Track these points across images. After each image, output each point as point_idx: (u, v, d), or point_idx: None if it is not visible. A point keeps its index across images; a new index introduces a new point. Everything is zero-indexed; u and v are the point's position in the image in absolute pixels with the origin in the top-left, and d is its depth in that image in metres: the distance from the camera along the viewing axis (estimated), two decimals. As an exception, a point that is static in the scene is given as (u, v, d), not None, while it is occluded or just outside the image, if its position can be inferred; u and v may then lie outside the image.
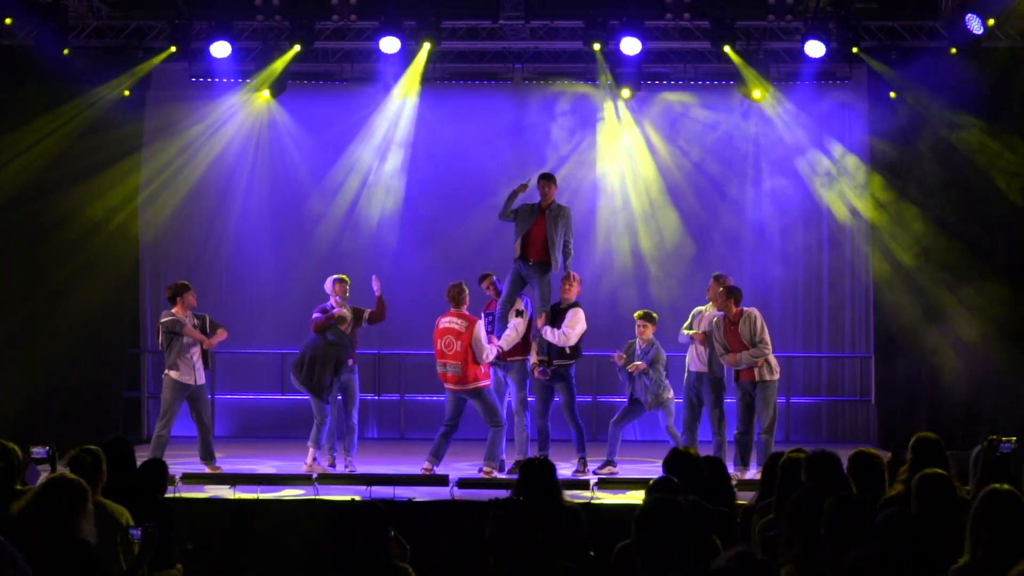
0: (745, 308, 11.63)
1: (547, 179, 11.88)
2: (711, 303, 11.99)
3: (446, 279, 11.83)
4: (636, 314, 12.08)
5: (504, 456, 11.64)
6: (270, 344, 15.33)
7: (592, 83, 15.23)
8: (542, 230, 11.65)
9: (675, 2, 13.91)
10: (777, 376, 11.60)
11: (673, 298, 14.44)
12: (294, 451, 12.36)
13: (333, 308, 11.88)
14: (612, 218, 15.53)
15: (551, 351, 11.70)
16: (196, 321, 11.77)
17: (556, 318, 11.72)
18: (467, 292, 11.59)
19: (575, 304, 11.82)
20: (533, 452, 11.50)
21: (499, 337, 11.63)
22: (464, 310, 11.51)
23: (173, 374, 11.61)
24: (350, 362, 11.99)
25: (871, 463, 6.52)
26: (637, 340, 11.93)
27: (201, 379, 11.74)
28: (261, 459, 12.72)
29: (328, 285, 12.08)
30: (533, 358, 11.75)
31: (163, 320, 11.77)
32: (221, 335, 11.86)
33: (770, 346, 11.53)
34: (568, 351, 11.74)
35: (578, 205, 15.25)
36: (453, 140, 15.64)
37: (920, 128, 14.35)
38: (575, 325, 11.69)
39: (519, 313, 11.71)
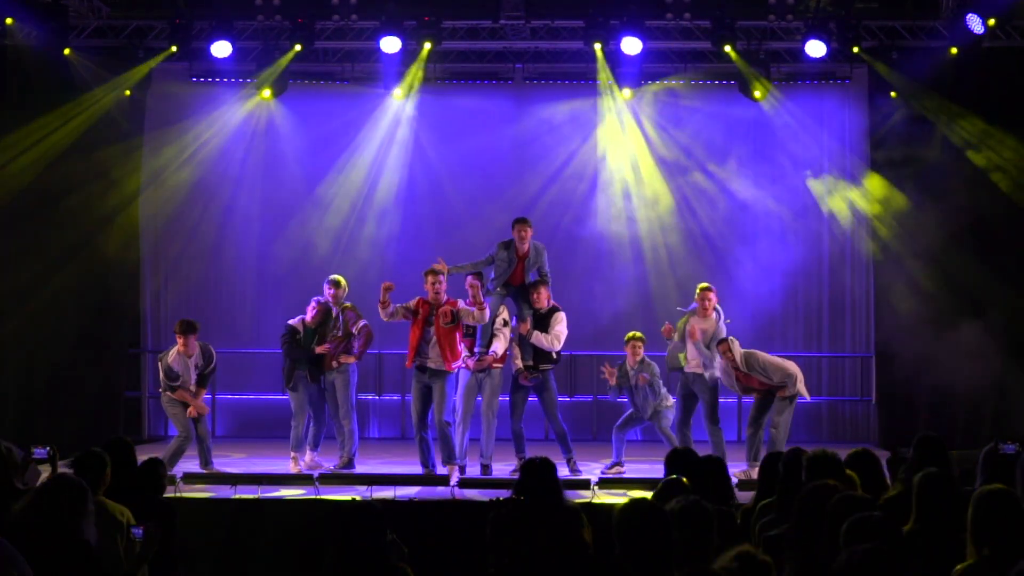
0: (746, 351, 11.58)
1: (523, 223, 11.69)
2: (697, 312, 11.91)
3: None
4: (626, 337, 12.01)
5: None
6: (270, 344, 15.28)
7: (592, 83, 15.22)
8: (520, 276, 11.72)
9: (676, 2, 13.93)
10: (790, 393, 11.54)
11: (672, 298, 14.42)
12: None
13: (304, 318, 11.97)
14: (612, 218, 15.51)
15: (537, 356, 11.68)
16: (201, 362, 11.64)
17: (540, 323, 11.69)
18: None
19: (556, 308, 11.81)
20: (510, 453, 11.54)
21: (478, 344, 11.59)
22: None
23: (168, 392, 11.61)
24: (334, 363, 11.97)
25: (868, 462, 6.54)
26: (628, 361, 11.90)
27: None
28: (261, 459, 12.71)
29: (324, 287, 12.07)
30: (518, 363, 11.71)
31: (171, 361, 11.55)
32: (199, 401, 11.66)
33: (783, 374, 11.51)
34: (555, 355, 11.74)
35: (578, 205, 15.30)
36: (454, 140, 15.63)
37: (920, 128, 14.35)
38: (562, 327, 11.69)
39: (505, 323, 11.68)
